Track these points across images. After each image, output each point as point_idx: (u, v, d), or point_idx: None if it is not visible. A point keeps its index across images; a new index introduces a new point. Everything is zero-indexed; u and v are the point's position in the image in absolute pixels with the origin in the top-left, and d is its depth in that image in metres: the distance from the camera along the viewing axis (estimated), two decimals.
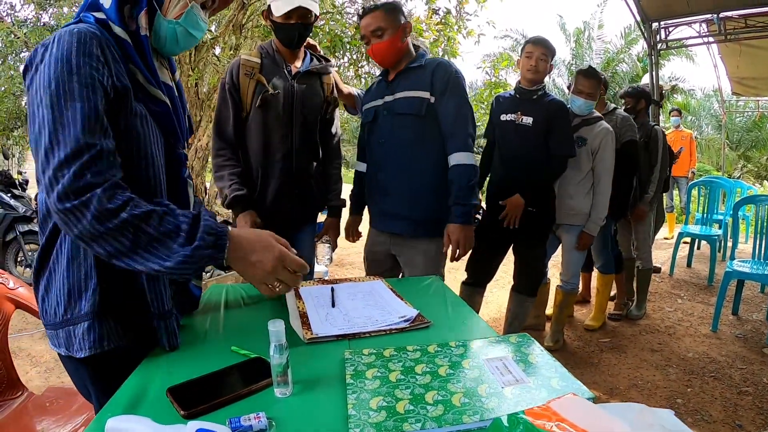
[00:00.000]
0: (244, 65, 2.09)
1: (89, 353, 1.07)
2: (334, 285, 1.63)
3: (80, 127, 0.94)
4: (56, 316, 1.09)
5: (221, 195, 2.11)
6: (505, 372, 0.99)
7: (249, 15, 5.35)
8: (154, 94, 1.13)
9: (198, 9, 1.17)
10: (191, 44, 1.22)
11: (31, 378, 3.00)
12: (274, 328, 0.94)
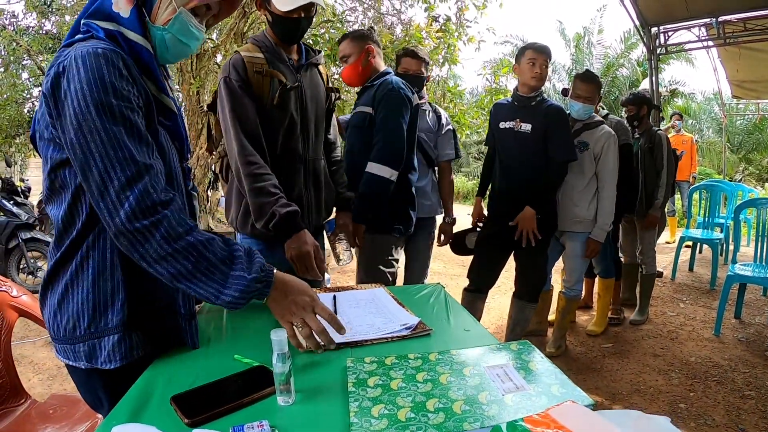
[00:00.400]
0: (251, 62, 1.84)
1: (120, 364, 1.09)
2: (337, 293, 1.64)
3: (134, 148, 0.97)
4: (76, 330, 1.09)
5: (261, 212, 1.76)
6: (505, 379, 1.00)
7: (250, 23, 5.37)
8: (167, 104, 1.14)
9: (188, 15, 1.12)
10: (184, 53, 1.17)
11: (33, 385, 3.01)
12: (277, 337, 0.95)
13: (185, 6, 1.11)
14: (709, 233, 5.47)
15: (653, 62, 5.45)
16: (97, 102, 0.95)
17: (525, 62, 2.81)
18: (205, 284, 1.01)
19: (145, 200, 0.96)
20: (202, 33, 1.18)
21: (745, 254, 5.70)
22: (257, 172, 1.76)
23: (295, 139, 1.92)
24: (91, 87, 0.96)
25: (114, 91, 0.97)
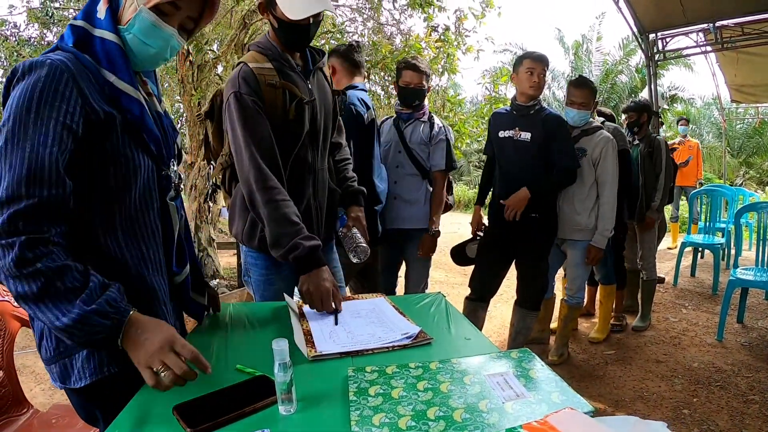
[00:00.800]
0: (261, 74, 1.69)
1: (90, 380, 1.07)
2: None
3: (24, 173, 0.93)
4: (47, 351, 1.08)
5: (279, 243, 1.62)
6: (506, 387, 1.00)
7: (251, 35, 5.40)
8: (127, 91, 1.08)
9: (150, 14, 1.06)
10: (153, 57, 1.12)
11: (35, 395, 3.00)
12: (278, 347, 0.96)
13: (146, 4, 1.06)
14: (710, 238, 5.47)
15: (652, 68, 5.47)
16: (17, 114, 0.95)
17: (523, 71, 2.82)
18: (49, 310, 0.93)
19: (9, 225, 0.91)
20: (170, 34, 1.11)
21: (746, 258, 5.70)
22: (277, 199, 1.63)
23: (305, 149, 1.80)
24: (21, 98, 0.95)
25: (38, 108, 0.95)
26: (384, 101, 5.84)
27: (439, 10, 5.11)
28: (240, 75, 1.68)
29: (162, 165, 1.18)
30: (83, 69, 1.02)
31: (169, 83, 6.56)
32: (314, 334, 1.34)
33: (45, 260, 0.92)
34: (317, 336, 1.33)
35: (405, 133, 2.88)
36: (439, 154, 2.92)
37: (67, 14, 6.33)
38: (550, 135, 2.82)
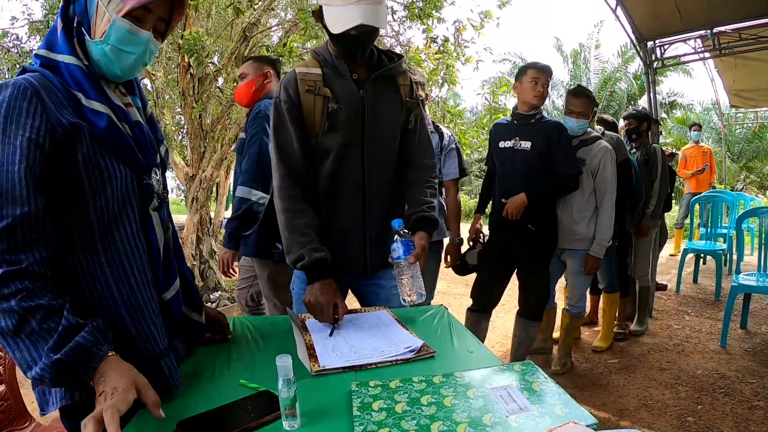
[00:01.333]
0: (304, 80, 1.66)
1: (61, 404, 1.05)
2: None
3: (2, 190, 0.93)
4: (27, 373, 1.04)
5: (290, 250, 1.65)
6: (509, 401, 1.00)
7: (251, 47, 5.44)
8: (93, 107, 1.07)
9: (124, 22, 1.06)
10: (133, 63, 1.11)
11: (36, 408, 3.00)
12: (282, 363, 0.96)
13: (118, 13, 1.06)
14: (711, 244, 5.46)
15: (650, 76, 5.48)
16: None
17: (527, 81, 2.84)
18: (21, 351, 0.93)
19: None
20: (145, 38, 1.10)
21: (748, 263, 5.69)
22: (294, 209, 1.66)
23: (349, 166, 1.72)
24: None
25: (3, 127, 0.95)
26: None
27: (438, 22, 5.15)
28: (283, 81, 1.70)
29: (142, 174, 1.15)
30: (48, 84, 1.02)
31: (170, 95, 6.59)
32: (317, 348, 1.34)
33: (20, 297, 0.91)
34: (320, 350, 1.33)
35: None
36: (452, 162, 2.93)
37: None
38: (552, 143, 2.84)
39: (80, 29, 1.07)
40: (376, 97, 1.72)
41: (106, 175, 1.05)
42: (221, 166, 5.80)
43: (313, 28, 4.27)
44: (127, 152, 1.11)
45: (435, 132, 2.97)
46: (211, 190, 5.76)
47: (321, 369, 1.21)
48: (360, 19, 1.50)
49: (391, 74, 1.75)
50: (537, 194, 2.84)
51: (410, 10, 5.11)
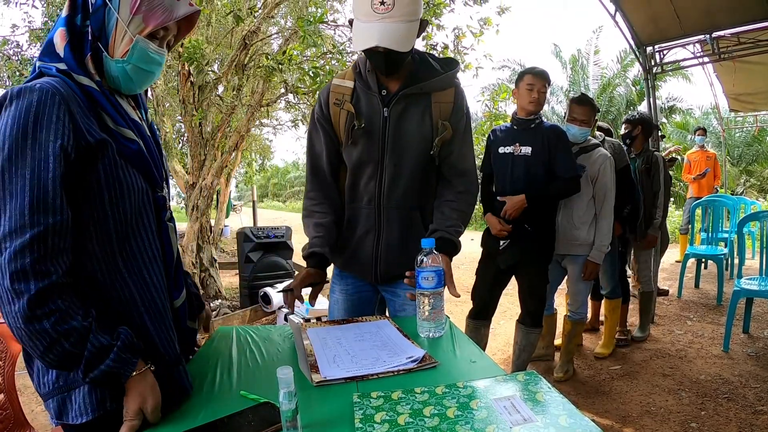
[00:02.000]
0: (334, 92, 1.72)
1: (92, 417, 1.03)
2: (341, 326, 1.64)
3: (27, 201, 0.92)
4: (45, 386, 1.06)
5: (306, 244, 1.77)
6: (513, 411, 1.00)
7: (251, 55, 5.45)
8: (124, 134, 1.10)
9: (145, 42, 1.10)
10: (150, 79, 1.16)
11: (36, 416, 2.99)
12: (283, 375, 0.95)
13: (141, 33, 1.10)
14: (713, 249, 5.46)
15: (650, 81, 5.49)
16: (12, 142, 0.93)
17: (523, 87, 2.85)
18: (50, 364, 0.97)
19: (16, 262, 0.91)
20: (163, 56, 1.16)
21: (750, 267, 5.68)
22: (310, 208, 1.81)
23: (366, 182, 1.75)
24: (13, 126, 0.94)
25: (34, 133, 0.94)
26: None
27: (437, 29, 5.15)
28: (321, 92, 1.78)
29: (156, 186, 1.18)
30: (72, 93, 1.02)
31: (170, 103, 6.60)
32: (318, 359, 1.33)
33: (54, 320, 0.93)
34: (321, 361, 1.32)
35: None
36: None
37: None
38: (551, 147, 2.84)
39: (95, 44, 1.08)
40: (402, 116, 1.68)
41: (126, 188, 1.07)
42: (221, 174, 5.80)
43: (311, 37, 4.28)
44: (147, 168, 1.14)
45: None
46: (212, 198, 5.75)
47: (322, 380, 1.20)
48: (376, 41, 1.47)
49: (424, 91, 1.68)
50: (537, 196, 2.83)
51: None
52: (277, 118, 9.88)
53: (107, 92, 1.09)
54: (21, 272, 0.91)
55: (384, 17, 1.46)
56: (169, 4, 1.12)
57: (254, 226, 8.36)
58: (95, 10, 1.08)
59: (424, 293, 1.47)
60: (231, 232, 11.97)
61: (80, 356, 0.95)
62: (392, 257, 1.76)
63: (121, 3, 1.08)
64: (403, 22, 1.49)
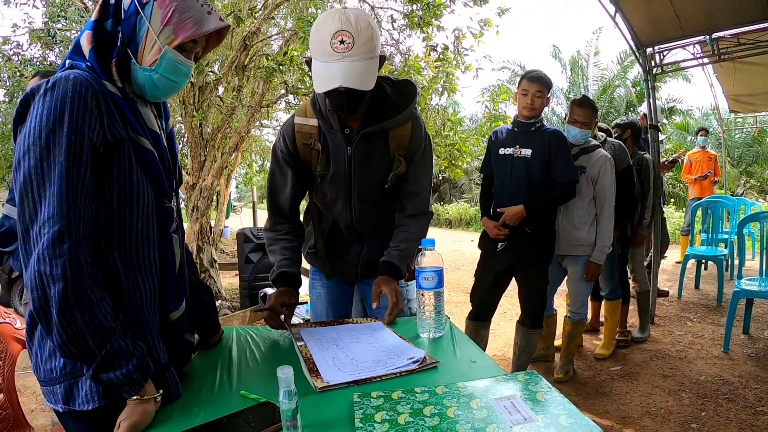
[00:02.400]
0: (301, 132, 1.72)
1: (99, 404, 1.05)
2: (335, 327, 1.63)
3: (65, 187, 0.95)
4: (53, 371, 1.06)
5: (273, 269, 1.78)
6: (513, 411, 1.00)
7: (251, 56, 5.46)
8: (142, 144, 1.11)
9: (174, 53, 1.12)
10: (175, 89, 1.18)
11: (36, 416, 2.99)
12: (283, 374, 0.95)
13: (170, 44, 1.11)
14: (713, 249, 5.46)
15: (650, 82, 5.48)
16: (48, 131, 0.95)
17: (520, 91, 2.86)
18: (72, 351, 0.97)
19: (57, 246, 0.93)
20: (190, 68, 1.18)
21: (750, 268, 5.68)
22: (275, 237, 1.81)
23: (339, 212, 1.82)
24: (50, 114, 0.96)
25: (69, 123, 0.96)
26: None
27: (437, 30, 5.16)
28: (283, 130, 1.77)
29: (165, 197, 1.19)
30: (102, 89, 1.04)
31: (170, 104, 6.61)
32: (317, 362, 1.31)
33: (84, 310, 0.95)
34: (321, 364, 1.30)
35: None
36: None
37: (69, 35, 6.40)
38: (551, 150, 2.84)
39: (124, 50, 1.10)
40: (365, 154, 1.71)
41: (135, 194, 1.09)
42: (221, 174, 5.81)
43: None
44: (157, 178, 1.15)
45: None
46: (212, 198, 5.76)
47: (325, 385, 1.17)
48: (339, 82, 1.45)
49: (384, 129, 1.70)
50: (535, 205, 2.84)
51: (410, 18, 5.13)
52: (277, 119, 9.88)
53: (129, 99, 1.11)
54: (58, 258, 0.93)
55: (344, 56, 1.43)
56: (200, 18, 1.14)
57: (254, 226, 8.36)
58: (127, 17, 1.10)
59: (425, 293, 1.48)
60: (231, 232, 11.99)
61: (96, 356, 0.97)
62: (373, 260, 1.82)
63: (153, 13, 1.10)
64: (363, 60, 1.46)
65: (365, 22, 1.46)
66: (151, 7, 1.10)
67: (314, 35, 1.49)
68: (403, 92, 1.73)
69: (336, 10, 1.49)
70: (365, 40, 1.45)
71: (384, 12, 5.93)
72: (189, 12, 1.12)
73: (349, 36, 1.43)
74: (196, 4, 1.14)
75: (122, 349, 1.00)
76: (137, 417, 1.02)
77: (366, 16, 1.49)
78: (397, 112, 1.68)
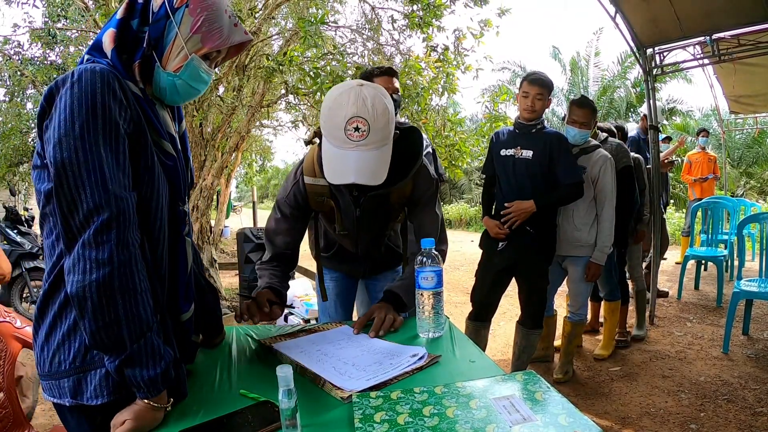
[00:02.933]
0: (312, 192, 1.72)
1: (108, 399, 1.04)
2: (307, 337, 1.54)
3: (109, 175, 0.95)
4: (61, 364, 1.05)
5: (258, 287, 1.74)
6: (512, 411, 1.00)
7: (251, 56, 5.46)
8: (165, 148, 1.13)
9: (199, 61, 1.14)
10: (194, 95, 1.19)
11: (36, 416, 2.98)
12: (282, 373, 0.95)
13: (197, 52, 1.13)
14: (713, 250, 5.46)
15: (650, 83, 5.48)
16: (83, 121, 0.95)
17: (521, 93, 2.86)
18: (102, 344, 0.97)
19: (104, 233, 0.94)
20: (211, 75, 1.19)
21: (750, 269, 5.68)
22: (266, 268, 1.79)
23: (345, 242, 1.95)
24: (81, 103, 0.96)
25: (103, 112, 0.97)
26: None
27: (438, 30, 5.16)
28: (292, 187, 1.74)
29: (179, 200, 1.20)
30: (126, 86, 1.05)
31: None
32: (323, 374, 1.23)
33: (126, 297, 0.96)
34: (330, 375, 1.23)
35: None
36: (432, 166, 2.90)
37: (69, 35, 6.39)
38: (553, 152, 2.84)
39: (150, 52, 1.10)
40: (372, 213, 1.76)
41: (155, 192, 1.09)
42: (221, 174, 5.81)
43: (312, 38, 4.28)
44: (175, 182, 1.17)
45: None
46: (212, 198, 5.76)
47: (349, 395, 1.12)
48: (352, 177, 1.39)
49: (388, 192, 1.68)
50: (544, 203, 2.84)
51: (410, 18, 5.13)
52: (277, 119, 9.90)
53: (150, 101, 1.11)
54: (106, 244, 0.94)
55: (359, 145, 1.37)
56: (228, 30, 1.15)
57: (254, 226, 8.36)
58: (156, 20, 1.10)
59: (424, 293, 1.47)
60: (231, 232, 11.98)
61: (126, 348, 0.97)
62: (380, 262, 2.09)
63: (183, 19, 1.10)
64: (378, 147, 1.40)
65: (382, 106, 1.39)
66: (182, 13, 1.10)
67: (328, 115, 1.40)
68: (409, 143, 1.66)
69: (352, 89, 1.39)
70: (381, 126, 1.38)
71: (384, 12, 5.94)
72: (218, 22, 1.13)
73: (365, 123, 1.35)
74: (224, 16, 1.15)
75: (154, 347, 1.00)
76: (145, 422, 1.02)
77: (382, 96, 1.41)
78: (402, 173, 1.63)
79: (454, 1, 5.19)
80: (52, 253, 1.07)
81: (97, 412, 1.06)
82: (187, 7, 1.10)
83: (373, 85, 1.43)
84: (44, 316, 1.08)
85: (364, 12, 6.48)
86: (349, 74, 4.68)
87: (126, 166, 1.00)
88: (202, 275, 1.43)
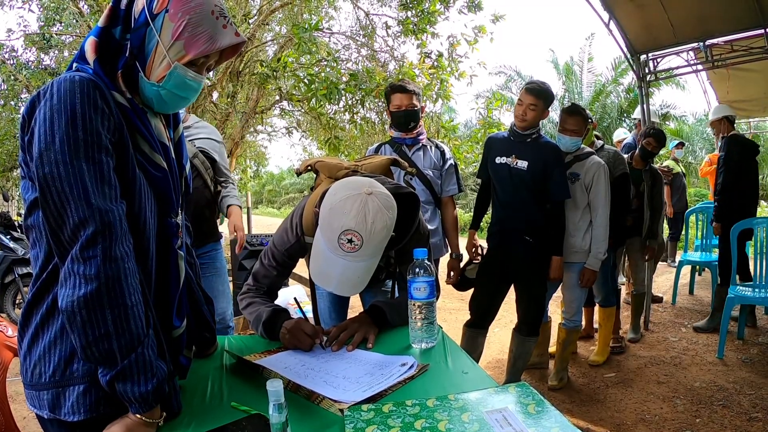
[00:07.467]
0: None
1: (84, 417, 1.02)
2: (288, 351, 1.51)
3: (92, 188, 0.93)
4: (42, 376, 1.03)
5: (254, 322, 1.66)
6: (505, 424, 0.99)
7: (246, 62, 5.46)
8: (156, 160, 1.10)
9: (183, 69, 1.07)
10: (184, 104, 1.14)
11: (27, 423, 2.95)
12: (273, 387, 0.94)
13: (181, 60, 1.07)
14: (707, 255, 5.46)
15: (644, 89, 5.51)
16: (63, 133, 0.93)
17: (517, 100, 2.87)
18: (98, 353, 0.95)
19: (91, 248, 0.92)
20: (200, 83, 1.13)
21: None
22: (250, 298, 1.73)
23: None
24: (60, 116, 0.93)
25: (83, 123, 0.94)
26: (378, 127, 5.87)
27: (432, 37, 5.17)
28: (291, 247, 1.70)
29: (171, 212, 1.16)
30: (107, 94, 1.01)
31: None
32: (317, 389, 1.20)
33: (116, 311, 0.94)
34: (323, 389, 1.20)
35: (415, 159, 2.86)
36: (452, 179, 2.92)
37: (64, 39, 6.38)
38: (548, 166, 2.85)
39: (132, 61, 1.07)
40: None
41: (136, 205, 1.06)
42: None
43: (306, 44, 4.28)
44: (165, 193, 1.13)
45: (437, 148, 2.95)
46: None
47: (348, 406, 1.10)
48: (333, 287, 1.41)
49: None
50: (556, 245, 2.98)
51: (405, 25, 5.15)
52: (271, 124, 9.88)
53: (140, 110, 1.08)
54: (92, 259, 0.92)
55: (347, 255, 1.36)
56: (214, 33, 1.08)
57: (248, 233, 8.32)
58: (137, 28, 1.06)
59: (416, 303, 1.46)
60: (225, 239, 11.92)
61: (118, 363, 0.95)
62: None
63: (164, 26, 1.05)
64: (366, 259, 1.39)
65: (381, 224, 1.35)
66: (162, 19, 1.05)
67: (328, 214, 1.37)
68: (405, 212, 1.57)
69: (359, 196, 1.35)
70: (375, 243, 1.36)
71: (379, 19, 5.96)
72: (202, 26, 1.07)
73: (360, 238, 1.33)
74: (211, 18, 1.08)
75: (146, 362, 0.98)
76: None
77: (386, 210, 1.37)
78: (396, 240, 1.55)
79: (449, 7, 5.21)
80: (36, 263, 1.05)
81: (74, 428, 1.05)
82: (167, 12, 1.04)
83: (382, 194, 1.39)
84: (28, 326, 1.06)
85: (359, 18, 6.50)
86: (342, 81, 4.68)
87: (111, 176, 0.98)
88: (199, 286, 1.39)
